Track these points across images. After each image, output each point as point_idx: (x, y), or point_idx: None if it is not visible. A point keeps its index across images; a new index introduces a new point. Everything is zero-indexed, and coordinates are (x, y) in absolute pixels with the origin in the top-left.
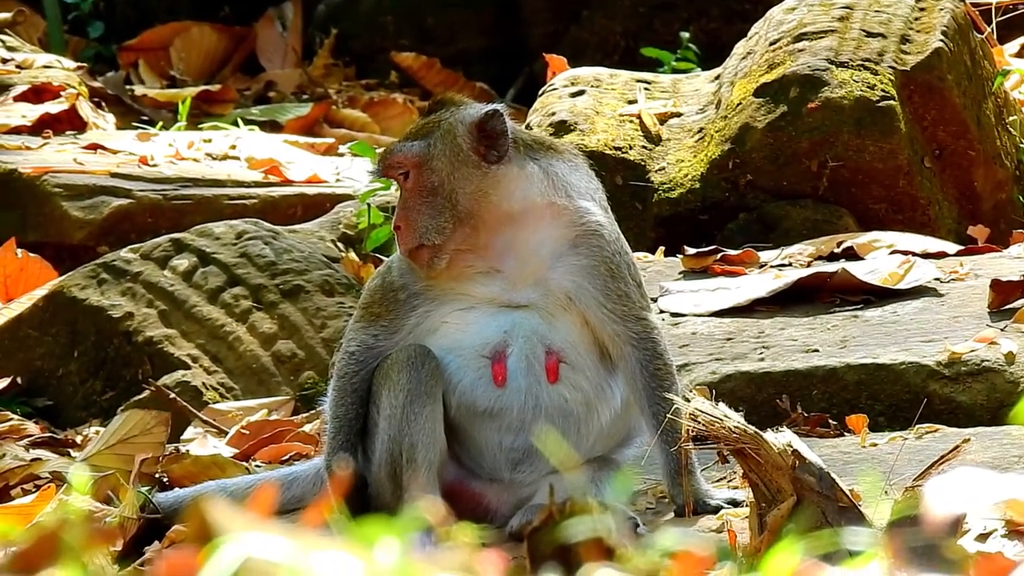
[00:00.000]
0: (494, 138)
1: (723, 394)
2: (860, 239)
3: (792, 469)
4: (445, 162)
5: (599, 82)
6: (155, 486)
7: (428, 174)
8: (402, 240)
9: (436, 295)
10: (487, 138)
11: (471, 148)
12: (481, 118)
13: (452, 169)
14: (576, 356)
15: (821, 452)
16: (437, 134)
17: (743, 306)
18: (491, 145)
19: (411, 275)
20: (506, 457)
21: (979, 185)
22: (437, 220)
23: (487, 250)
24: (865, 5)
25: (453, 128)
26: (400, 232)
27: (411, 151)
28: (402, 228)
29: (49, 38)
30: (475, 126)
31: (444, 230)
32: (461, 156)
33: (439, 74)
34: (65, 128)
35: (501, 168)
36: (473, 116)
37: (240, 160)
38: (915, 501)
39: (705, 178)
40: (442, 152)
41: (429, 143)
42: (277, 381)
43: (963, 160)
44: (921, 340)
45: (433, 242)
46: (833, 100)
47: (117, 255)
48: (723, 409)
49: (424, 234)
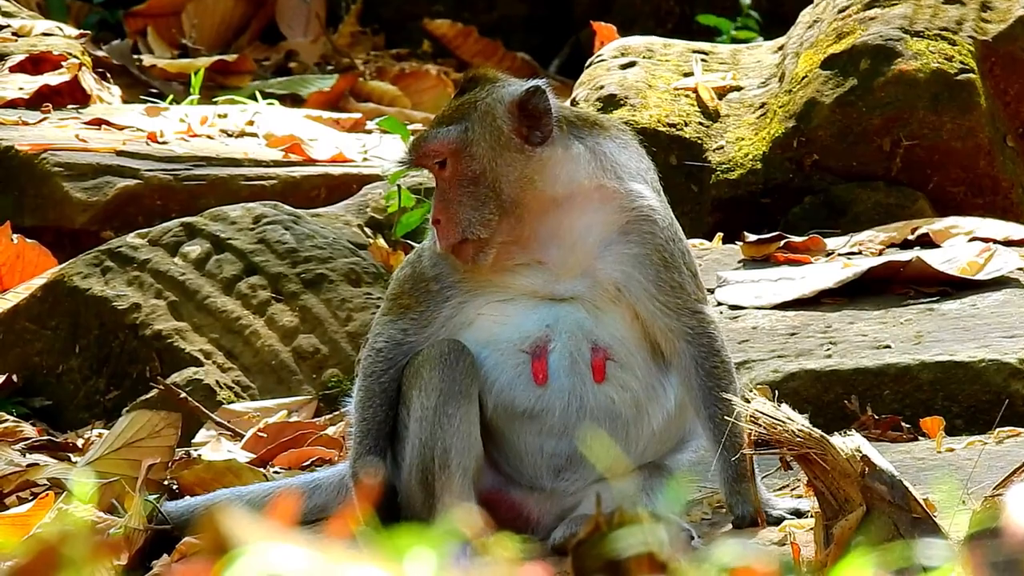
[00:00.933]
0: (537, 118)
1: (786, 394)
2: (936, 225)
3: (861, 476)
4: (486, 147)
5: (652, 52)
6: (164, 494)
7: (468, 162)
8: (443, 235)
9: (471, 286)
10: (529, 118)
11: (512, 130)
12: (522, 96)
13: (494, 155)
14: (625, 353)
15: (893, 458)
16: (474, 116)
17: (808, 298)
18: (534, 126)
19: (444, 264)
20: (548, 463)
21: None
22: (481, 212)
23: (531, 240)
24: None
25: (492, 109)
26: (440, 227)
27: (448, 137)
28: (442, 222)
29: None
30: (516, 105)
31: (490, 222)
32: (503, 140)
33: (476, 43)
34: (66, 101)
35: (545, 150)
36: (513, 95)
37: (258, 137)
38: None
39: (767, 158)
40: (482, 136)
41: (467, 127)
42: (298, 379)
43: None
44: (1002, 335)
45: (478, 236)
46: (907, 73)
47: (123, 241)
48: (786, 411)
49: (468, 227)
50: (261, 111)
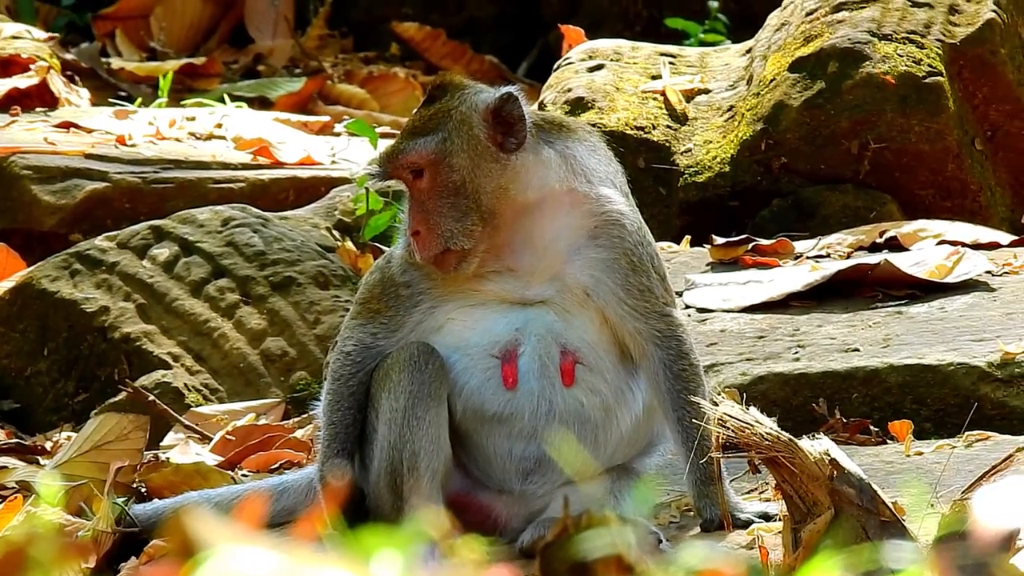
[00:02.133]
0: (511, 124)
1: (754, 397)
2: (905, 228)
3: (830, 480)
4: (465, 157)
5: (619, 55)
6: (132, 497)
7: (447, 172)
8: (424, 247)
9: (441, 292)
10: (503, 125)
11: (488, 138)
12: (496, 103)
13: (473, 165)
14: (594, 356)
15: (861, 461)
16: (450, 126)
17: (776, 301)
18: (508, 132)
19: (414, 269)
20: (517, 466)
21: None
22: (464, 223)
23: (504, 247)
24: None
25: (468, 118)
26: (420, 238)
27: (427, 148)
28: (422, 233)
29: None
30: (490, 113)
31: (473, 233)
32: (480, 148)
33: (445, 46)
34: (35, 104)
35: (519, 157)
36: (487, 102)
37: (226, 140)
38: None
39: (735, 161)
40: (460, 146)
41: (444, 137)
42: (266, 382)
43: (1018, 142)
44: (971, 339)
45: (461, 246)
46: (875, 76)
47: (91, 244)
48: (754, 414)
49: (450, 238)
50: (229, 114)
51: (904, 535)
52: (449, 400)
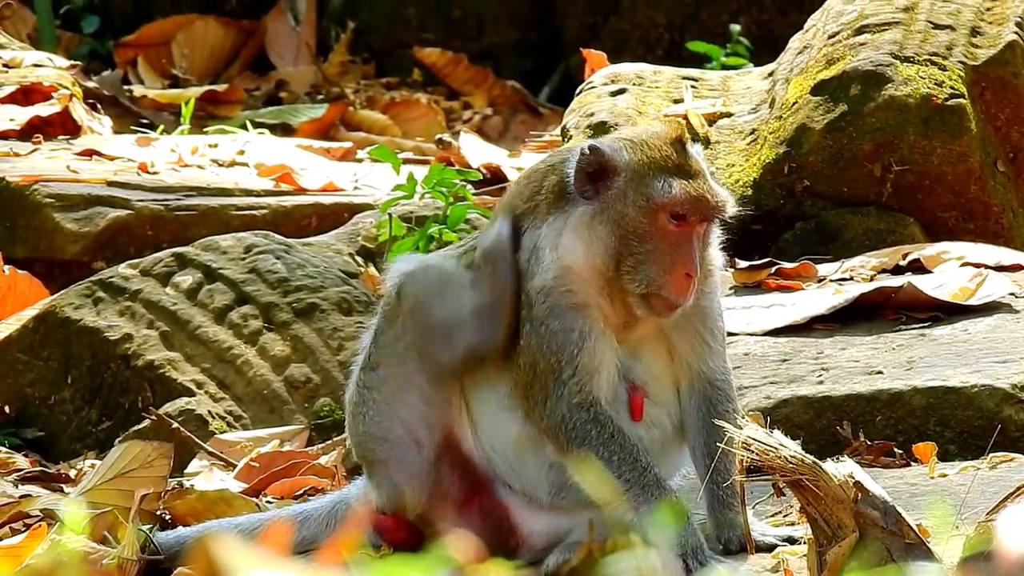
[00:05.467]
0: None
1: (779, 420)
2: (928, 250)
3: (854, 502)
4: None
5: (642, 80)
6: (156, 524)
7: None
8: (689, 292)
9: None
10: None
11: None
12: None
13: None
14: (660, 391)
15: (886, 484)
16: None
17: (800, 324)
18: None
19: (578, 310)
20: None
21: None
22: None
23: None
24: None
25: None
26: (691, 282)
27: (729, 199)
28: (692, 278)
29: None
30: None
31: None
32: None
33: (467, 71)
34: (57, 132)
35: None
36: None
37: (249, 167)
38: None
39: (758, 184)
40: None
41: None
42: (290, 409)
43: None
44: (995, 361)
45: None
46: (898, 98)
47: (114, 271)
48: (779, 437)
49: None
50: (252, 141)
51: (929, 557)
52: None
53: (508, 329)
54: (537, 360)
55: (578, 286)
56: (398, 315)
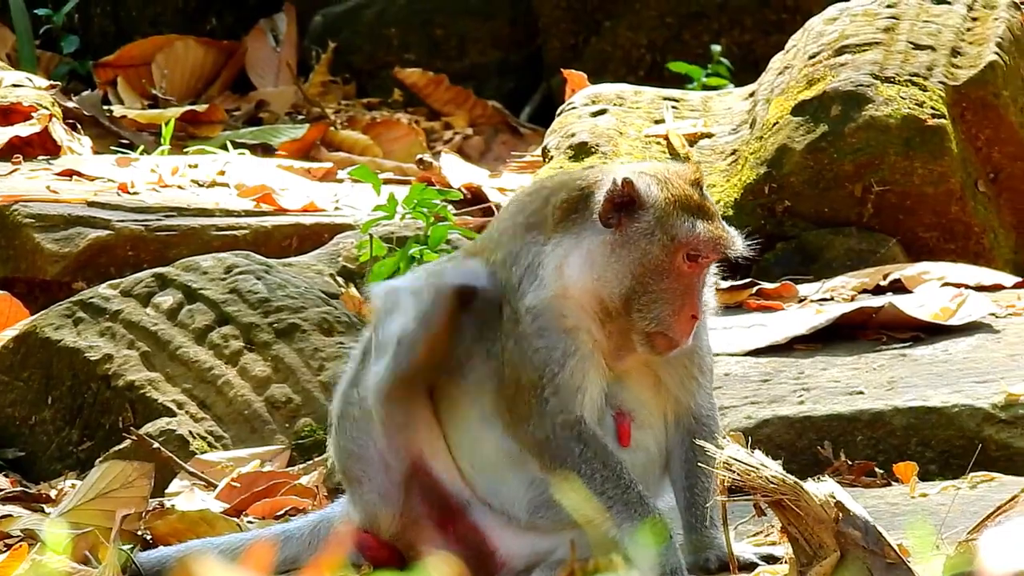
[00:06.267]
0: None
1: (759, 440)
2: (908, 271)
3: (835, 522)
4: None
5: (623, 100)
6: (138, 544)
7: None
8: (692, 334)
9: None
10: None
11: None
12: None
13: None
14: (646, 415)
15: (867, 503)
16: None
17: (781, 344)
18: None
19: (575, 334)
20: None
21: None
22: None
23: None
24: (912, 15)
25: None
26: (695, 323)
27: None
28: (696, 320)
29: (19, 54)
30: None
31: None
32: None
33: (448, 92)
34: (37, 153)
35: None
36: None
37: (229, 187)
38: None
39: (739, 204)
40: None
41: None
42: (271, 429)
43: (1021, 184)
44: (975, 381)
45: None
46: (878, 119)
47: (95, 292)
48: (760, 457)
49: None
50: (232, 161)
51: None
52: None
53: (426, 366)
54: (520, 376)
55: (572, 311)
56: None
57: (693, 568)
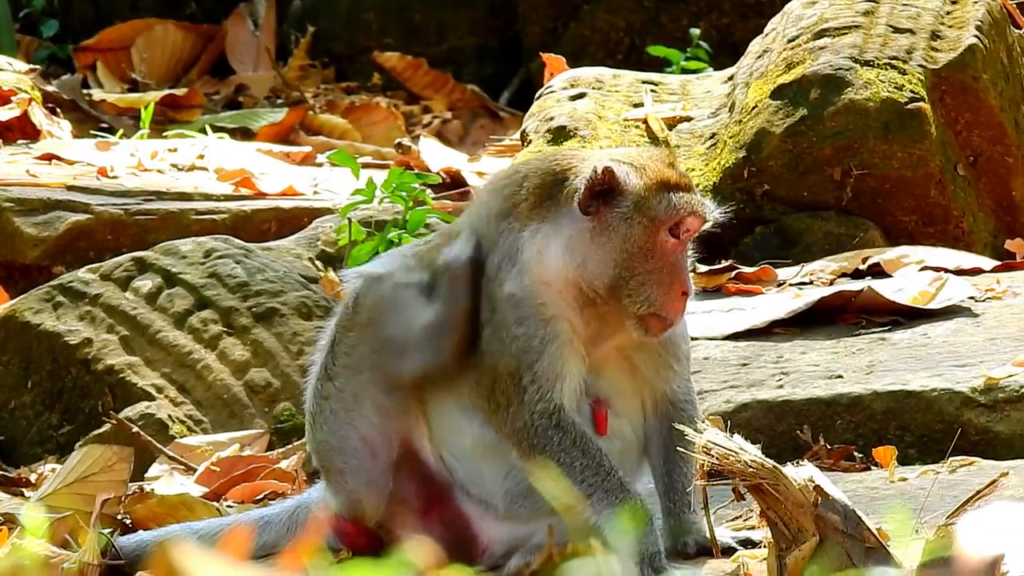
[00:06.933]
0: None
1: (738, 425)
2: (887, 255)
3: (814, 506)
4: None
5: (601, 84)
6: (117, 528)
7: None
8: (684, 311)
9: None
10: None
11: None
12: None
13: None
14: (623, 403)
15: (846, 488)
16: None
17: (760, 328)
18: None
19: (560, 320)
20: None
21: (1018, 195)
22: None
23: None
24: None
25: None
26: (686, 299)
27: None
28: (688, 295)
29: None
30: None
31: None
32: None
33: (426, 76)
34: (16, 137)
35: None
36: None
37: (208, 171)
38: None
39: (718, 188)
40: None
41: None
42: (250, 413)
43: (1000, 167)
44: (954, 365)
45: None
46: (857, 102)
47: (74, 276)
48: (739, 441)
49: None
50: (211, 145)
51: (889, 561)
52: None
53: (458, 350)
54: (497, 364)
55: (552, 299)
56: (355, 325)
57: (672, 553)
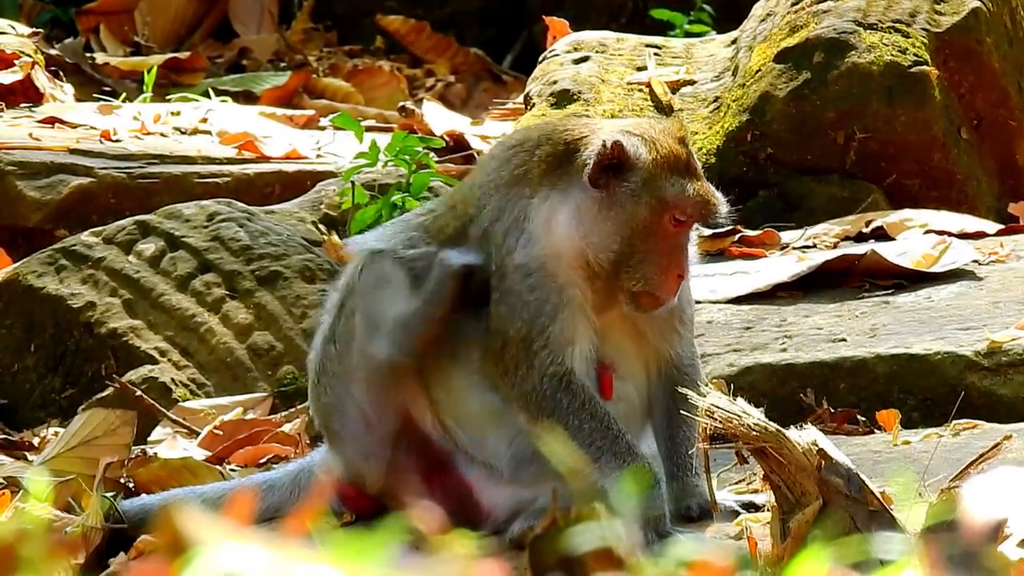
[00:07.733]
0: None
1: (742, 388)
2: (891, 218)
3: (818, 470)
4: None
5: (605, 47)
6: (120, 492)
7: None
8: (677, 293)
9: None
10: None
11: None
12: None
13: None
14: (627, 367)
15: (849, 451)
16: None
17: (763, 292)
18: None
19: (570, 287)
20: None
21: (1021, 158)
22: None
23: None
24: None
25: None
26: (681, 283)
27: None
28: (683, 279)
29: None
30: None
31: None
32: None
33: (429, 39)
34: (19, 100)
35: None
36: None
37: (211, 135)
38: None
39: (721, 152)
40: None
41: None
42: (253, 376)
43: (1003, 131)
44: (958, 328)
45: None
46: (861, 66)
47: (77, 239)
48: (742, 405)
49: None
50: (214, 108)
51: (892, 525)
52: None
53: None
54: (507, 329)
55: (562, 267)
56: (352, 294)
57: (675, 516)
